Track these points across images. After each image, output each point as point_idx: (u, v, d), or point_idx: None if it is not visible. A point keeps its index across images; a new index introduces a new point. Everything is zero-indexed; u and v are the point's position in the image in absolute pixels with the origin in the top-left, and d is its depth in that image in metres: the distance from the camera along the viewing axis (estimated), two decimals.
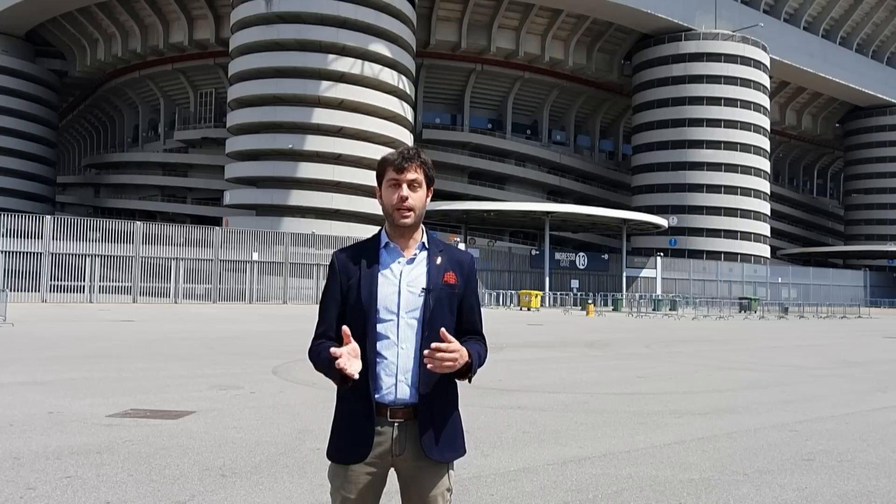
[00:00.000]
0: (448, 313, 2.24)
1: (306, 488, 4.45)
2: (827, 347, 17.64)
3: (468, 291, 2.31)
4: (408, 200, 2.21)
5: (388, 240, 2.27)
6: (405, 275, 2.22)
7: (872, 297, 67.54)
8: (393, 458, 2.21)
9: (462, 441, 2.31)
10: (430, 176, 2.29)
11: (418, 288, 2.21)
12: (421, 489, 2.22)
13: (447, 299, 2.24)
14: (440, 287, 2.22)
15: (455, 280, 2.26)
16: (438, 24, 59.80)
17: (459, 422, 2.31)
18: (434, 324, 2.18)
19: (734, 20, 63.71)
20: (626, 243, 52.32)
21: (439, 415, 2.22)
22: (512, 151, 66.57)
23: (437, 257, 2.26)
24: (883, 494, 4.64)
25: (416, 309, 2.20)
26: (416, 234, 2.28)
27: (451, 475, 2.28)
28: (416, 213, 2.23)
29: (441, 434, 2.22)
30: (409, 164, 2.23)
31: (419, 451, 2.20)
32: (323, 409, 6.93)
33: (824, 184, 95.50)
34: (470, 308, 2.32)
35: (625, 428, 6.55)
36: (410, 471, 2.23)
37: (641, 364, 12.40)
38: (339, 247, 2.47)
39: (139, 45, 61.48)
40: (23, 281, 30.80)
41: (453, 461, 2.29)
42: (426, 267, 2.24)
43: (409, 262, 2.24)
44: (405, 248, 2.26)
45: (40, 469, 4.72)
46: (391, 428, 2.19)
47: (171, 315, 24.44)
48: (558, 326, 24.21)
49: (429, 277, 2.22)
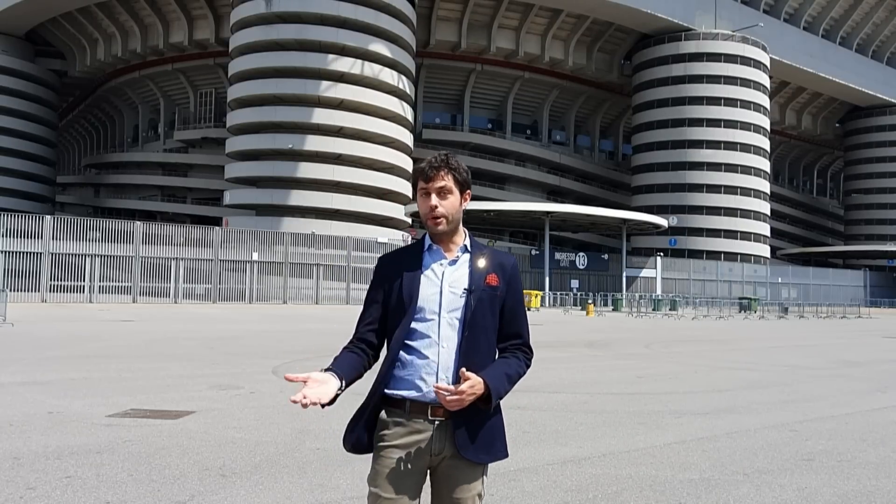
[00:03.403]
0: (490, 315, 2.25)
1: (306, 488, 4.45)
2: (827, 347, 17.63)
3: (511, 294, 2.31)
4: (437, 209, 2.24)
5: (430, 242, 2.31)
6: (447, 275, 2.26)
7: (872, 297, 67.55)
8: (431, 457, 2.22)
9: (501, 445, 2.29)
10: (460, 181, 2.29)
11: (460, 288, 2.24)
12: (452, 490, 2.23)
13: (489, 301, 2.25)
14: (482, 288, 2.24)
15: (497, 282, 2.27)
16: (438, 24, 59.82)
17: (500, 425, 2.30)
18: (475, 324, 2.21)
19: (734, 20, 63.73)
20: (626, 243, 52.32)
21: (477, 415, 2.22)
22: (512, 151, 66.59)
23: (479, 259, 2.28)
24: (883, 494, 4.64)
25: (457, 309, 2.22)
26: (458, 237, 2.31)
27: (484, 480, 2.28)
28: (448, 219, 2.25)
29: (478, 434, 2.22)
30: (434, 172, 2.25)
31: (455, 451, 2.21)
32: (323, 409, 6.93)
33: (824, 184, 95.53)
34: (512, 311, 2.32)
35: (625, 428, 6.55)
36: (445, 470, 2.24)
37: (641, 364, 12.39)
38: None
39: (139, 45, 61.50)
40: (23, 281, 30.80)
41: (488, 464, 2.28)
42: (468, 268, 2.27)
43: (452, 263, 2.28)
44: (447, 251, 2.29)
45: (40, 469, 4.72)
46: (431, 426, 2.21)
47: (171, 315, 24.44)
48: (558, 326, 24.20)
49: (471, 278, 2.25)
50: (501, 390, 2.22)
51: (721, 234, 62.71)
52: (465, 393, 2.12)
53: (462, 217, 2.33)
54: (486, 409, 2.20)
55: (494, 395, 2.19)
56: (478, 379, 2.15)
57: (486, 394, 2.17)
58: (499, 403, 2.28)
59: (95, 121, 79.75)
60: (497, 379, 2.21)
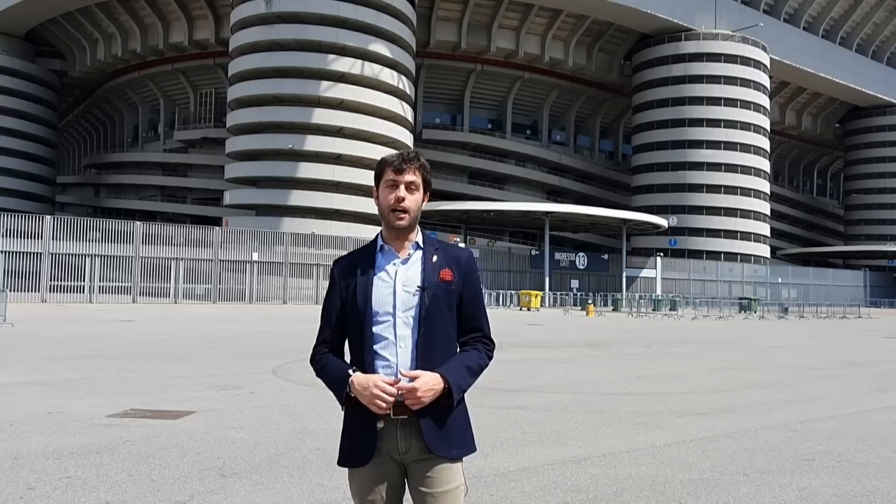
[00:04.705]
0: (446, 310, 2.24)
1: (306, 488, 4.45)
2: (827, 347, 17.63)
3: (467, 288, 2.30)
4: (404, 202, 2.23)
5: (383, 243, 2.30)
6: (400, 274, 2.24)
7: (872, 297, 67.55)
8: (400, 456, 2.20)
9: (471, 437, 2.29)
10: (427, 180, 2.31)
11: (413, 286, 2.22)
12: (430, 488, 2.20)
13: (444, 296, 2.23)
14: (436, 284, 2.22)
15: (452, 276, 2.25)
16: (438, 24, 59.80)
17: (467, 418, 2.29)
18: (431, 321, 2.20)
19: (734, 20, 63.72)
20: (626, 243, 52.32)
21: (442, 410, 2.20)
22: (512, 151, 66.57)
23: (432, 255, 2.27)
24: (883, 494, 4.64)
25: (411, 308, 2.20)
26: (411, 235, 2.29)
27: (463, 473, 2.26)
28: (410, 214, 2.25)
29: (446, 429, 2.21)
30: (408, 165, 2.25)
31: (424, 449, 2.19)
32: (323, 409, 6.93)
33: (824, 184, 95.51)
34: (470, 304, 2.30)
35: (625, 428, 6.55)
36: (419, 470, 2.21)
37: (641, 364, 12.39)
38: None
39: (139, 45, 61.48)
40: (23, 281, 30.80)
41: (462, 458, 2.26)
42: (421, 265, 2.25)
43: (404, 262, 2.26)
44: (400, 250, 2.28)
45: (40, 469, 4.72)
46: (395, 426, 2.19)
47: (171, 315, 24.44)
48: (558, 326, 24.20)
49: (424, 275, 2.23)
50: (463, 383, 2.20)
51: (721, 235, 62.70)
52: (418, 390, 2.11)
53: (419, 217, 2.32)
54: (449, 403, 2.18)
55: (456, 389, 2.17)
56: (431, 375, 2.14)
57: (447, 389, 2.16)
58: (462, 397, 2.26)
59: (95, 121, 79.73)
60: (456, 373, 2.19)
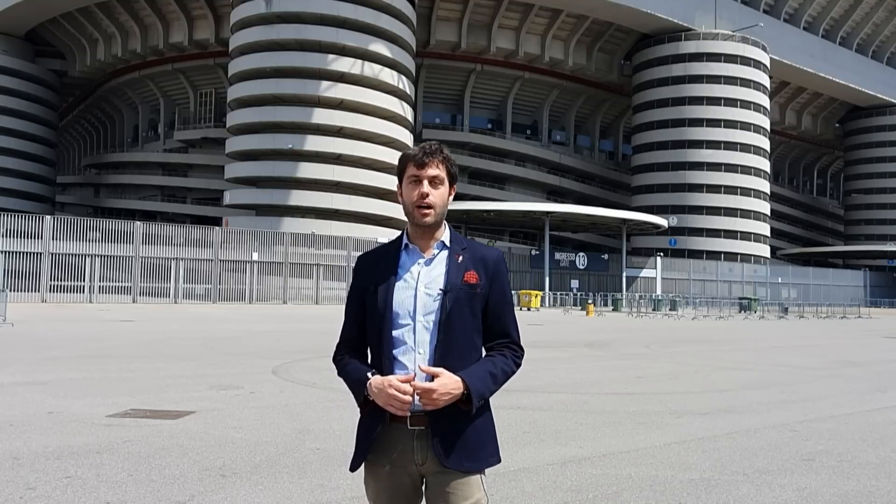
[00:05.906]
0: (469, 315, 2.11)
1: (306, 488, 4.45)
2: (827, 347, 17.63)
3: (495, 291, 2.16)
4: (428, 197, 2.12)
5: (408, 241, 2.18)
6: (423, 276, 2.12)
7: (872, 297, 67.57)
8: (417, 468, 2.10)
9: (492, 450, 2.16)
10: (452, 173, 2.20)
11: (435, 289, 2.10)
12: (445, 501, 2.09)
13: (467, 300, 2.11)
14: (459, 287, 2.10)
15: (477, 279, 2.12)
16: (438, 24, 59.81)
17: (489, 427, 2.16)
18: (451, 326, 2.08)
19: (734, 20, 63.73)
20: (626, 243, 52.34)
21: (457, 422, 2.08)
22: (512, 151, 66.58)
23: (458, 256, 2.15)
24: (883, 494, 4.63)
25: (432, 312, 2.09)
26: (437, 233, 2.17)
27: (483, 487, 2.14)
28: (436, 210, 2.13)
29: (458, 442, 2.08)
30: (430, 159, 2.15)
31: (438, 463, 2.08)
32: (323, 409, 6.93)
33: (824, 184, 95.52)
34: (498, 308, 2.17)
35: (625, 428, 6.54)
36: (436, 483, 2.11)
37: (641, 364, 12.39)
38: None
39: (139, 45, 61.48)
40: (23, 281, 30.80)
41: (479, 471, 2.13)
42: (445, 267, 2.13)
43: (428, 262, 2.15)
44: (425, 249, 2.16)
45: (40, 469, 4.72)
46: (411, 436, 2.09)
47: (171, 315, 24.43)
48: (558, 326, 24.20)
49: (447, 277, 2.11)
50: (484, 390, 2.07)
51: (721, 234, 62.71)
52: (435, 392, 2.00)
53: (446, 213, 2.19)
54: (468, 410, 2.06)
55: (476, 395, 2.04)
56: (452, 377, 2.02)
57: (467, 394, 2.04)
58: (488, 405, 2.16)
59: (95, 121, 79.74)
60: (478, 378, 2.07)
